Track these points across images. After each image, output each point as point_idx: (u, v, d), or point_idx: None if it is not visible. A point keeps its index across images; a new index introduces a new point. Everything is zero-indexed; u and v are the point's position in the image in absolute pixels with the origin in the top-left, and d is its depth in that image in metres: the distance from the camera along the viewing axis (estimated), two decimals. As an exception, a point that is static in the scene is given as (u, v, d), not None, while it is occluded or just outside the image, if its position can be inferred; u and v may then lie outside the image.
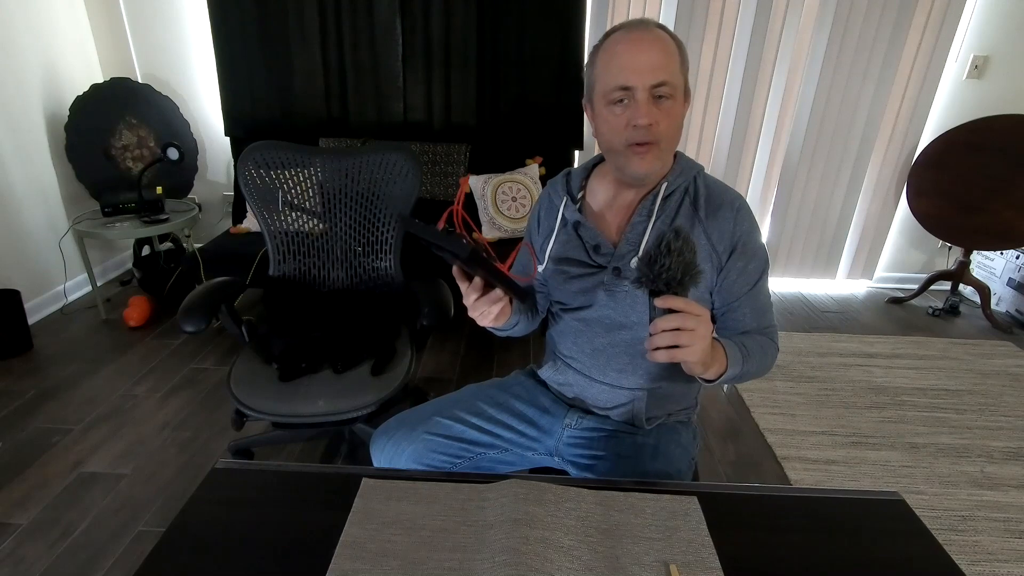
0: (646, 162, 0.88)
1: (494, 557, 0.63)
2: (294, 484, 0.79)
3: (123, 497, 1.59)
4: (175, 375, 2.20)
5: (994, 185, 2.65)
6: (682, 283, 0.71)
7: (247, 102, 2.85)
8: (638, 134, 0.85)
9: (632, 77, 0.84)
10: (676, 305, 0.71)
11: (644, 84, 0.83)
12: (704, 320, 0.73)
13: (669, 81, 0.84)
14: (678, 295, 0.71)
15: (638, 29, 0.86)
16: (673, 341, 0.72)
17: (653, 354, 0.73)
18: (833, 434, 1.95)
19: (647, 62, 0.83)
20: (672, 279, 0.70)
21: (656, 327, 0.72)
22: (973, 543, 1.52)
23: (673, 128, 0.88)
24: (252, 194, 1.58)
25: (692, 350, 0.72)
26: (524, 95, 2.80)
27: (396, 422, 1.03)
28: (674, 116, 0.87)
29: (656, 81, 0.83)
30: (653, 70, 0.83)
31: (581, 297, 1.00)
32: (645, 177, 0.91)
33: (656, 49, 0.84)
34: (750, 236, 0.93)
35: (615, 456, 0.97)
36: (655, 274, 0.70)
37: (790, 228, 3.12)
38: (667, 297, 0.71)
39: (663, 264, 0.69)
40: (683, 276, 0.70)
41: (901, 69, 2.76)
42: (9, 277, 2.40)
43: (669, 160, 0.94)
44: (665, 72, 0.83)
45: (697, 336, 0.72)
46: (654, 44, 0.84)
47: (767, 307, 0.97)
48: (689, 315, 0.71)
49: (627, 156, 0.89)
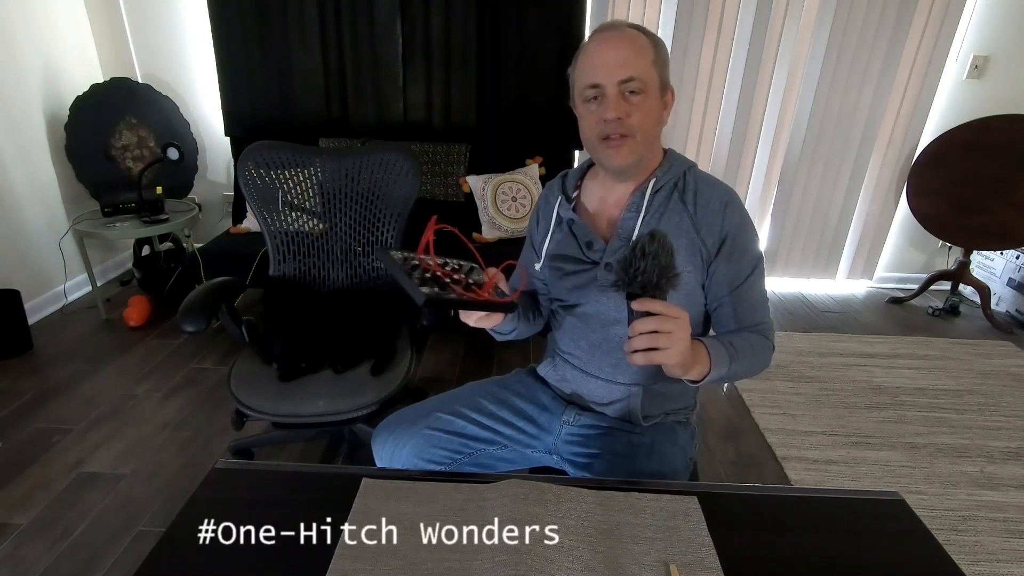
0: (620, 154, 0.91)
1: (494, 557, 0.63)
2: (294, 484, 0.79)
3: (123, 497, 1.59)
4: (175, 375, 2.20)
5: (994, 185, 2.65)
6: (658, 286, 0.71)
7: (247, 102, 2.85)
8: (608, 127, 0.89)
9: (601, 74, 0.87)
10: (653, 308, 0.72)
11: (612, 80, 0.87)
12: (682, 323, 0.73)
13: (637, 76, 0.86)
14: (655, 298, 0.72)
15: (608, 29, 0.90)
16: (650, 343, 0.72)
17: (631, 357, 0.74)
18: (833, 434, 1.95)
19: (614, 59, 0.87)
20: (648, 282, 0.71)
21: (633, 330, 0.73)
22: (973, 543, 1.52)
23: (648, 122, 0.90)
24: (252, 194, 1.58)
25: (669, 352, 0.73)
26: (524, 95, 2.80)
27: (397, 418, 1.04)
28: (646, 110, 0.89)
29: (623, 76, 0.86)
30: (620, 66, 0.86)
31: (576, 293, 1.01)
32: (622, 170, 0.94)
33: (623, 47, 0.87)
34: (740, 230, 0.93)
35: (611, 454, 0.97)
36: (631, 277, 0.71)
37: (790, 228, 3.12)
38: (644, 300, 0.72)
39: (638, 267, 0.70)
40: (659, 279, 0.71)
41: (901, 69, 2.76)
42: (9, 277, 2.39)
43: (650, 155, 0.95)
44: (632, 68, 0.86)
45: (675, 339, 0.72)
46: (620, 41, 0.88)
47: (760, 303, 0.97)
48: (667, 318, 0.72)
49: (603, 150, 0.92)
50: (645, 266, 0.70)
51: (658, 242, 0.70)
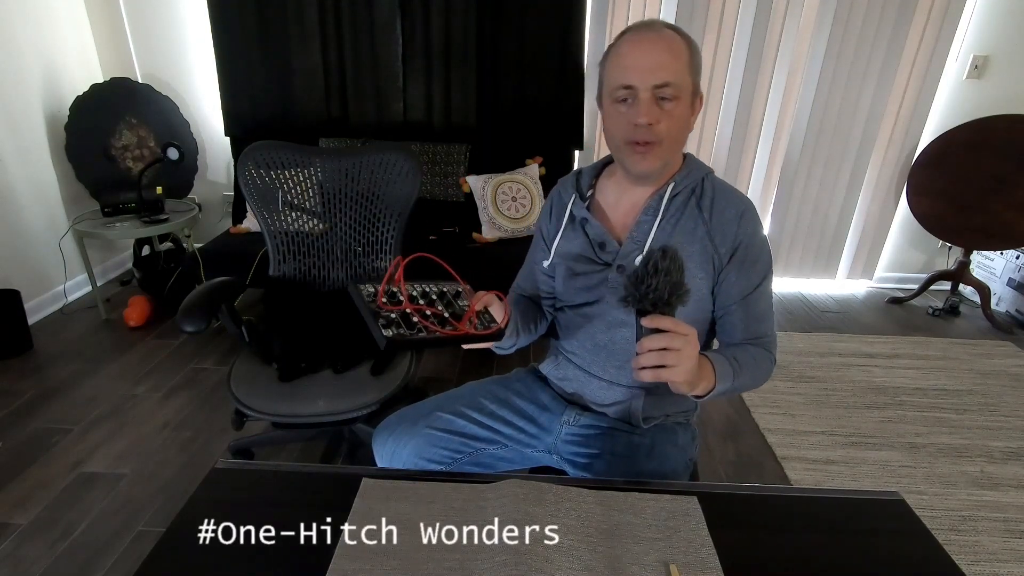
0: (647, 161, 0.89)
1: (494, 557, 0.63)
2: (294, 484, 0.79)
3: (123, 497, 1.59)
4: (175, 375, 2.20)
5: (994, 185, 2.65)
6: (669, 302, 0.71)
7: (247, 102, 2.85)
8: (638, 132, 0.87)
9: (635, 76, 0.85)
10: (663, 325, 0.72)
11: (646, 84, 0.84)
12: (691, 340, 0.73)
13: (672, 82, 0.84)
14: (665, 314, 0.72)
15: (646, 29, 0.87)
16: (659, 361, 0.72)
17: (639, 373, 0.73)
18: (833, 434, 1.95)
19: (650, 62, 0.84)
20: (659, 299, 0.71)
21: (642, 346, 0.73)
22: (973, 543, 1.52)
23: (676, 129, 0.88)
24: (252, 194, 1.57)
25: (678, 370, 0.73)
26: (524, 95, 2.80)
27: (398, 417, 1.04)
28: (677, 117, 0.87)
29: (658, 81, 0.84)
30: (656, 70, 0.84)
31: (585, 293, 1.01)
32: (646, 175, 0.92)
33: (660, 49, 0.85)
34: (753, 240, 0.93)
35: (611, 455, 0.97)
36: (642, 294, 0.71)
37: (790, 228, 3.12)
38: (654, 317, 0.72)
39: (650, 284, 0.70)
40: (670, 296, 0.71)
41: (901, 69, 2.76)
42: (9, 277, 2.39)
43: (673, 160, 0.94)
44: (668, 73, 0.84)
45: (683, 356, 0.72)
46: (658, 44, 0.85)
47: (767, 314, 0.97)
48: (676, 335, 0.72)
49: (628, 154, 0.90)
50: (657, 283, 0.70)
51: (670, 258, 0.70)
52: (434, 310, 0.79)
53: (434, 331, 0.75)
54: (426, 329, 0.75)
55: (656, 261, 0.70)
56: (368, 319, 0.73)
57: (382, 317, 0.74)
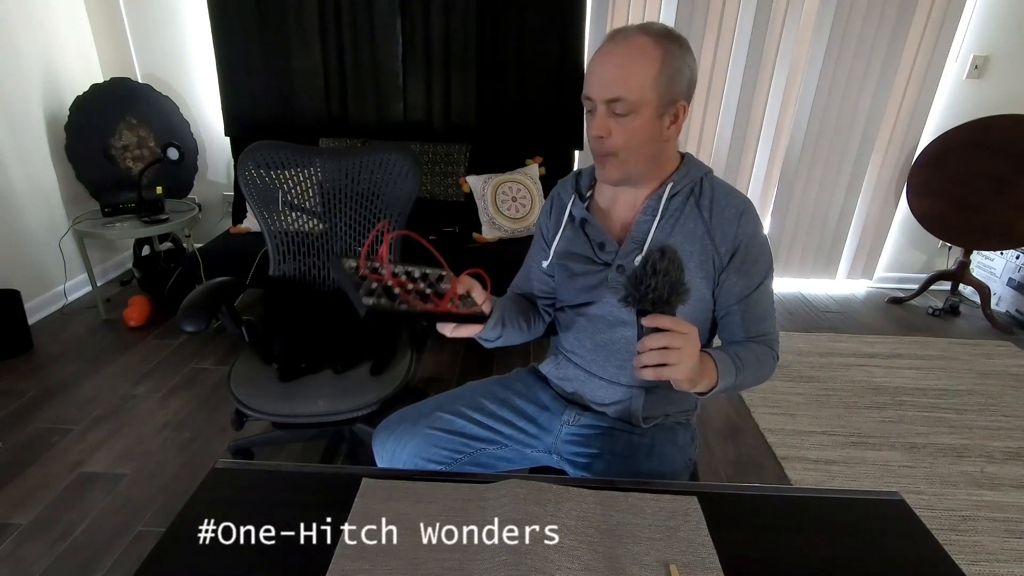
0: (605, 171, 0.92)
1: (494, 557, 0.63)
2: (294, 484, 0.79)
3: (123, 497, 1.59)
4: (175, 375, 2.20)
5: (994, 185, 2.65)
6: (669, 302, 0.72)
7: (247, 102, 2.85)
8: (593, 143, 0.89)
9: (593, 89, 0.86)
10: (663, 324, 0.72)
11: (600, 97, 0.85)
12: (691, 338, 0.73)
13: (625, 97, 0.83)
14: (665, 313, 0.72)
15: (613, 40, 0.85)
16: (660, 359, 0.72)
17: (641, 372, 0.74)
18: (833, 434, 1.95)
19: (606, 76, 0.84)
20: (659, 298, 0.71)
21: (643, 345, 0.73)
22: (973, 543, 1.52)
23: (636, 142, 0.87)
24: (252, 194, 1.57)
25: (679, 368, 0.73)
26: (524, 95, 2.80)
27: (398, 417, 1.04)
28: (633, 130, 0.85)
29: (610, 96, 0.84)
30: (609, 84, 0.84)
31: (585, 293, 1.01)
32: (611, 183, 0.94)
33: (618, 64, 0.83)
34: (753, 240, 0.93)
35: (611, 454, 0.97)
36: (642, 294, 0.72)
37: (790, 228, 3.12)
38: (654, 316, 0.72)
39: (649, 284, 0.71)
40: (669, 295, 0.71)
41: (901, 69, 2.76)
42: (9, 277, 2.39)
43: (641, 168, 0.92)
44: (622, 88, 0.83)
45: (684, 355, 0.73)
46: (617, 57, 0.84)
47: (768, 313, 0.97)
48: (676, 333, 0.72)
49: (596, 161, 0.93)
50: (656, 283, 0.70)
51: (668, 258, 0.70)
52: (416, 286, 0.78)
53: (415, 305, 0.74)
54: (407, 303, 0.73)
55: (655, 261, 0.70)
56: (349, 289, 0.72)
57: (363, 287, 0.73)
